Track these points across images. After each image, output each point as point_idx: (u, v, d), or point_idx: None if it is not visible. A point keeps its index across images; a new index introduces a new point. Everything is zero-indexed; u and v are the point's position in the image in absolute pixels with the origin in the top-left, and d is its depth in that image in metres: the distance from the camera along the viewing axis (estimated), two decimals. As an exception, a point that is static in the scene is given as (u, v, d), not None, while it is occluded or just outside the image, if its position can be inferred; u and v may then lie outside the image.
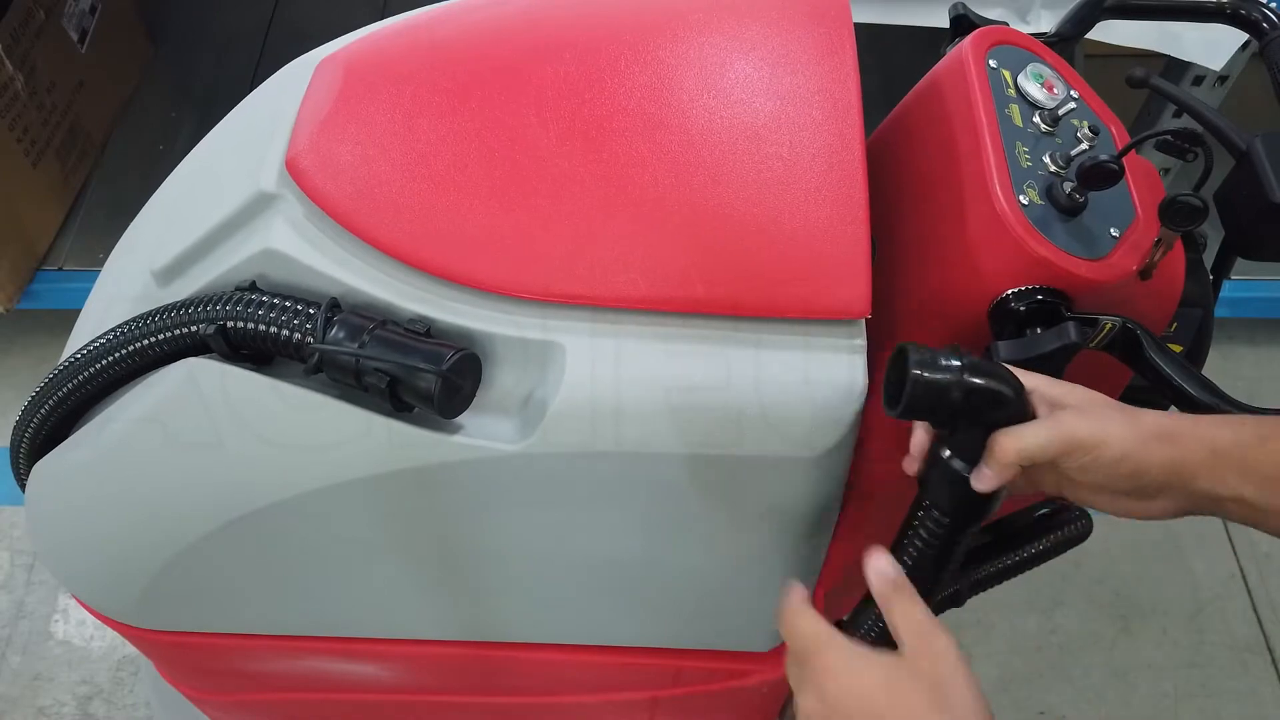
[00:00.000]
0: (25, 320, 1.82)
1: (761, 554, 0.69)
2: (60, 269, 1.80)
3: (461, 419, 0.61)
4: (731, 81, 0.66)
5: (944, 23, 0.76)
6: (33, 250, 1.79)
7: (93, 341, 0.65)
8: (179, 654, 0.83)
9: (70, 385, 0.66)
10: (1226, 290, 0.73)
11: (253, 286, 0.61)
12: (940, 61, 0.69)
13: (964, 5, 0.75)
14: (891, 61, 1.82)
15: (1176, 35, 1.37)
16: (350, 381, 0.58)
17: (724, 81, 0.66)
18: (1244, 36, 1.17)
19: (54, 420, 0.68)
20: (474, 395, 0.60)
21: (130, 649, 1.42)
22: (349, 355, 0.57)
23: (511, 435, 0.60)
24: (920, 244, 0.67)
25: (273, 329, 0.59)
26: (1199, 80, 1.46)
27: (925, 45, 0.94)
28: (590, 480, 0.62)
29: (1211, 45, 1.36)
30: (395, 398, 0.58)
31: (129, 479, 0.67)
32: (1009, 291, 0.58)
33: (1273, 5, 0.71)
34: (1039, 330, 0.57)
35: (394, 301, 0.60)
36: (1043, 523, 0.90)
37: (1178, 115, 1.50)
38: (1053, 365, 0.57)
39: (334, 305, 0.59)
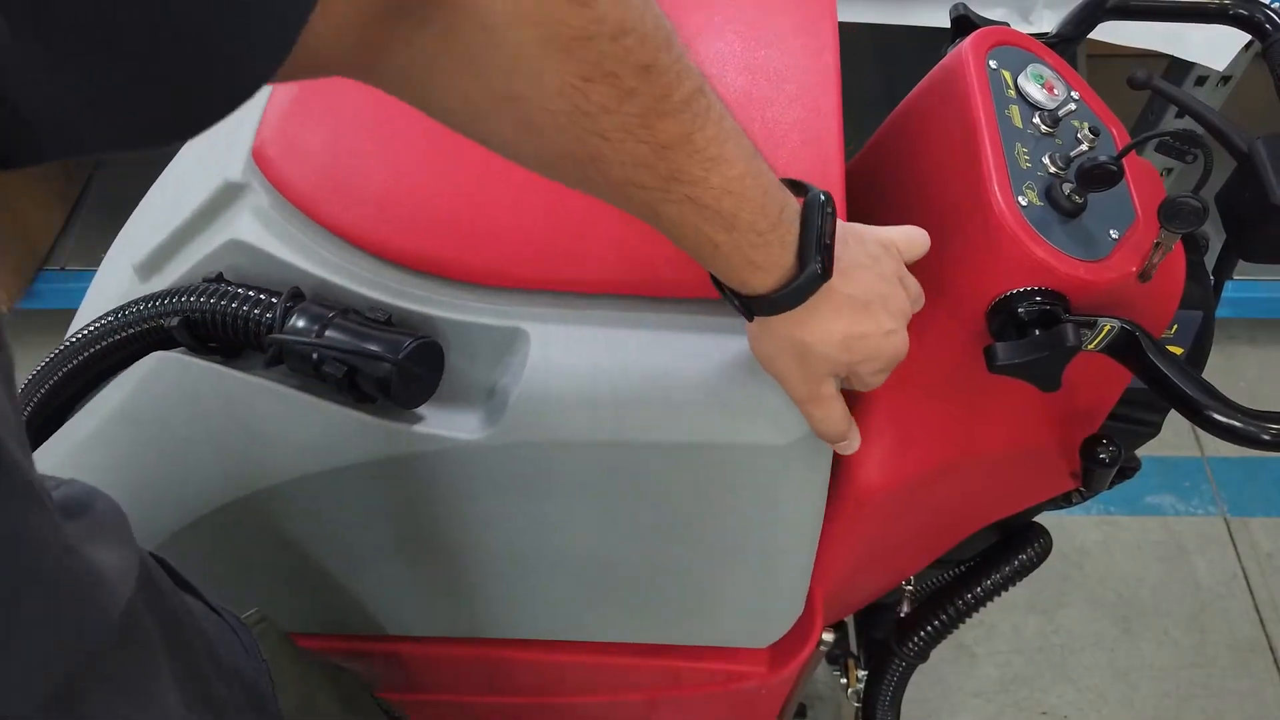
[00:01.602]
0: (28, 320, 1.82)
1: (745, 547, 0.68)
2: (62, 269, 1.81)
3: (425, 409, 0.60)
4: (705, 57, 0.65)
5: (945, 23, 0.76)
6: (35, 250, 1.80)
7: (67, 340, 0.64)
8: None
9: (49, 385, 0.65)
10: (1228, 290, 0.73)
11: (219, 278, 0.60)
12: (940, 62, 0.69)
13: (965, 5, 0.75)
14: (892, 61, 1.82)
15: (1179, 36, 1.37)
16: (310, 372, 0.57)
17: (697, 58, 0.65)
18: (1246, 37, 1.17)
19: (38, 420, 0.67)
20: (436, 385, 0.59)
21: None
22: (307, 345, 0.56)
23: (476, 425, 0.59)
24: (919, 245, 0.66)
25: (232, 319, 0.58)
26: (1201, 81, 1.46)
27: (926, 45, 0.94)
28: (558, 471, 0.61)
29: (1214, 46, 1.36)
30: (354, 387, 0.57)
31: (102, 478, 0.66)
32: (1007, 293, 0.58)
33: (1275, 6, 0.71)
34: (1037, 332, 0.57)
35: (356, 290, 0.59)
36: (998, 551, 0.91)
37: (1180, 116, 1.50)
38: (1051, 367, 0.57)
39: (295, 294, 0.58)
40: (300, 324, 0.57)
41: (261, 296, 0.58)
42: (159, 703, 0.39)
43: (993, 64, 0.65)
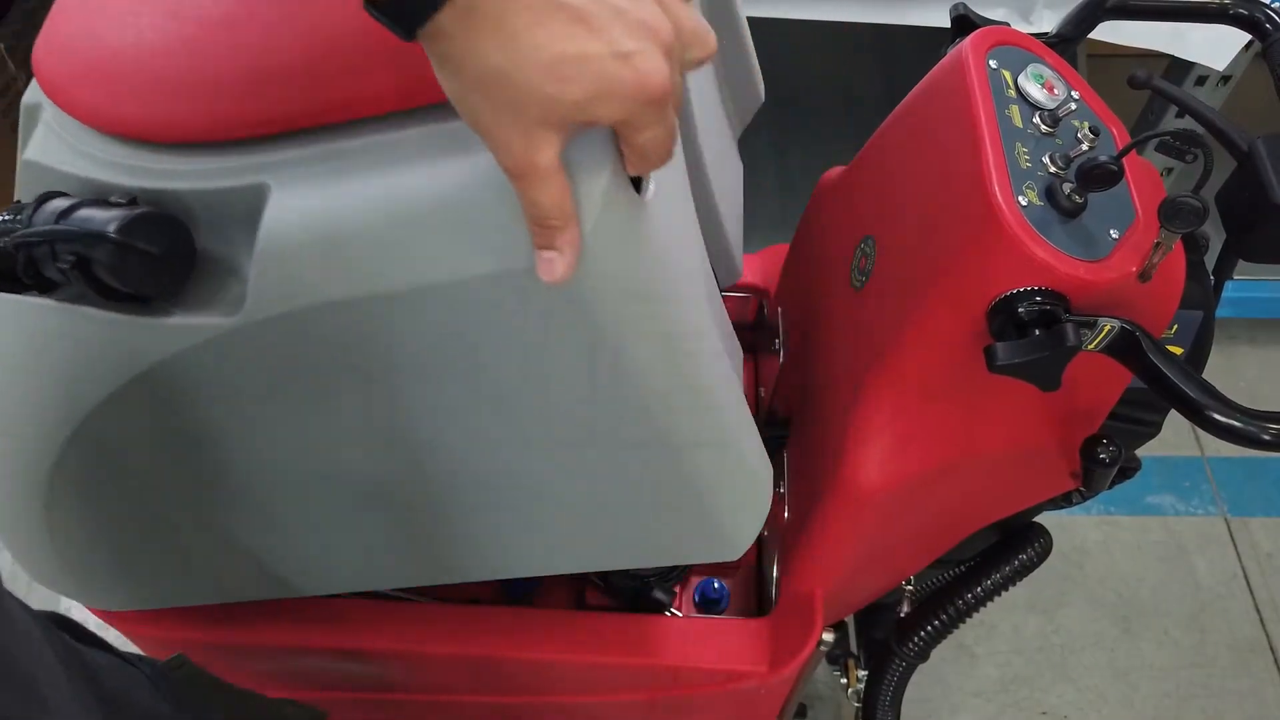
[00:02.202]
0: (28, 319, 1.82)
1: (617, 412, 0.55)
2: (62, 268, 1.80)
3: (183, 302, 0.53)
4: None
5: (945, 23, 0.76)
6: (35, 249, 1.80)
7: None
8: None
9: None
10: (1228, 290, 0.73)
11: (17, 205, 0.56)
12: (940, 62, 0.69)
13: (965, 5, 0.75)
14: (892, 61, 1.83)
15: (1180, 35, 1.37)
16: (55, 274, 0.52)
17: None
18: (1246, 37, 1.17)
19: None
20: (188, 267, 0.53)
21: (131, 646, 1.42)
22: (29, 239, 0.51)
23: (232, 308, 0.52)
24: (919, 244, 0.67)
25: None
26: (1201, 81, 1.46)
27: (926, 45, 0.94)
28: (338, 348, 0.53)
29: (1214, 46, 1.36)
30: (95, 281, 0.52)
31: None
32: (1007, 293, 0.58)
33: (1275, 6, 0.71)
34: (1037, 332, 0.57)
35: (110, 180, 0.53)
36: (998, 551, 0.91)
37: (1180, 116, 1.50)
38: (1051, 367, 0.57)
39: (43, 198, 0.54)
40: (35, 223, 0.52)
41: (18, 202, 0.54)
42: None
43: (993, 64, 0.65)
